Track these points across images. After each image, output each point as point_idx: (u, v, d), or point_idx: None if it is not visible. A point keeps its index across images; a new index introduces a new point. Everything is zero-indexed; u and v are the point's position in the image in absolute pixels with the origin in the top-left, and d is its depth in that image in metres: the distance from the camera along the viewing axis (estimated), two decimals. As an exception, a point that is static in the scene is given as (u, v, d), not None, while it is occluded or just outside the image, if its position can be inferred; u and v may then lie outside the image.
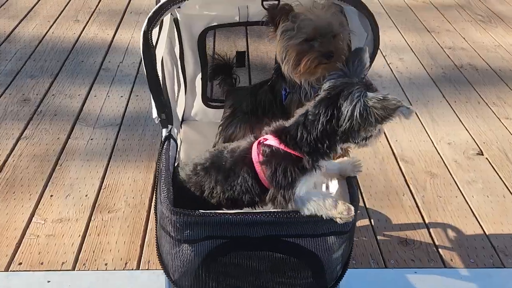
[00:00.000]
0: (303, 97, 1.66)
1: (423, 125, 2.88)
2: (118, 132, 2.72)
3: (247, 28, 2.04)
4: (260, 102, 1.84)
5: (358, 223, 2.16)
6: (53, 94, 3.03)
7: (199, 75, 2.13)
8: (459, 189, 2.42)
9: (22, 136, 2.66)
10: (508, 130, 2.87)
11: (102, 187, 2.34)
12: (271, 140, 1.35)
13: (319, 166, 1.32)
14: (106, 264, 1.97)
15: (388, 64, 3.49)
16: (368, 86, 1.28)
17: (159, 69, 1.55)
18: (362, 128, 1.26)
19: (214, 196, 1.42)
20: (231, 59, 2.04)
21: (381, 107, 1.21)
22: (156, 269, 1.93)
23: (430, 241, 2.13)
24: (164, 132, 1.63)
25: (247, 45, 2.11)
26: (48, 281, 1.89)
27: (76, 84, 3.14)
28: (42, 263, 1.96)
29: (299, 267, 1.35)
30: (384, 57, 3.56)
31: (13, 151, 2.55)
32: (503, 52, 3.72)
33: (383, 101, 1.21)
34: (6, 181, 2.35)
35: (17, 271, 1.92)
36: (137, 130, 2.75)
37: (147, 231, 2.12)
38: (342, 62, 1.34)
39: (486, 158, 2.64)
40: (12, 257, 1.98)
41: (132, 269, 1.95)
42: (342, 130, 1.27)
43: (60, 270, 1.93)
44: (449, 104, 3.08)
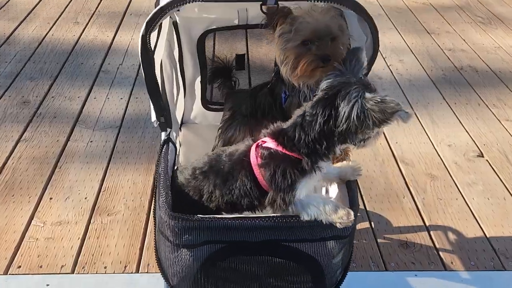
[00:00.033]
0: (303, 100, 1.65)
1: (423, 127, 2.87)
2: (118, 134, 2.72)
3: (247, 31, 2.04)
4: (260, 105, 1.83)
5: (358, 226, 2.15)
6: (53, 96, 3.03)
7: (199, 78, 2.13)
8: (460, 191, 2.41)
9: (22, 139, 2.66)
10: (509, 132, 2.87)
11: (102, 190, 2.34)
12: (269, 143, 1.34)
13: (319, 168, 1.31)
14: (106, 267, 1.96)
15: (388, 66, 3.49)
16: (366, 86, 1.26)
17: (158, 73, 1.55)
18: (360, 131, 1.24)
19: (213, 200, 1.41)
20: (231, 62, 2.04)
21: (379, 110, 1.19)
22: (156, 272, 1.92)
23: (431, 244, 2.12)
24: (163, 136, 1.63)
25: (247, 48, 2.10)
26: (47, 285, 1.88)
27: (76, 86, 3.14)
28: (41, 266, 1.95)
29: (299, 272, 1.34)
30: (384, 59, 3.56)
31: (13, 154, 2.54)
32: (503, 54, 3.72)
33: (381, 104, 1.19)
34: (5, 184, 2.35)
35: (16, 275, 1.92)
36: (137, 132, 2.74)
37: (147, 234, 2.11)
38: (340, 62, 1.33)
39: (487, 160, 2.64)
40: (11, 260, 1.97)
41: (132, 272, 1.95)
42: (339, 131, 1.25)
43: (59, 274, 1.93)
44: (449, 106, 3.08)
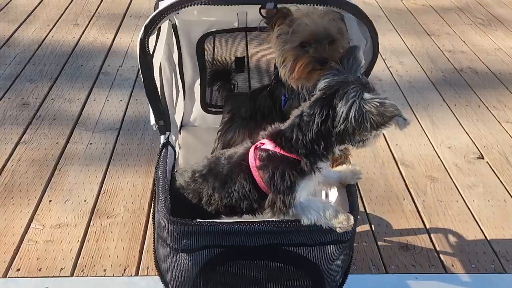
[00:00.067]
0: (302, 103, 1.65)
1: (423, 129, 2.87)
2: (117, 137, 2.71)
3: (247, 34, 2.03)
4: (259, 108, 1.83)
5: (358, 228, 2.15)
6: (52, 98, 3.02)
7: (198, 81, 2.13)
8: (460, 194, 2.41)
9: (21, 141, 2.65)
10: (509, 134, 2.86)
11: (101, 192, 2.33)
12: (268, 144, 1.33)
13: (318, 168, 1.30)
14: (105, 270, 1.96)
15: (388, 68, 3.48)
16: (365, 85, 1.25)
17: (157, 76, 1.54)
18: (357, 132, 1.22)
19: (212, 203, 1.41)
20: (230, 65, 2.03)
21: (378, 113, 1.17)
22: (155, 275, 1.91)
23: (431, 246, 2.11)
24: (162, 139, 1.62)
25: (247, 51, 2.10)
26: (46, 288, 1.88)
27: (76, 88, 3.13)
28: (40, 269, 1.95)
29: (298, 277, 1.34)
30: (384, 61, 3.55)
31: (12, 156, 2.54)
32: (503, 56, 3.71)
33: (380, 107, 1.17)
34: (5, 186, 2.34)
35: (15, 278, 1.91)
36: (136, 135, 2.74)
37: (146, 237, 2.11)
38: (337, 62, 1.31)
39: (487, 162, 2.63)
40: (10, 263, 1.97)
41: (131, 275, 1.94)
42: (337, 132, 1.24)
43: (59, 277, 1.92)
44: (449, 108, 3.07)
